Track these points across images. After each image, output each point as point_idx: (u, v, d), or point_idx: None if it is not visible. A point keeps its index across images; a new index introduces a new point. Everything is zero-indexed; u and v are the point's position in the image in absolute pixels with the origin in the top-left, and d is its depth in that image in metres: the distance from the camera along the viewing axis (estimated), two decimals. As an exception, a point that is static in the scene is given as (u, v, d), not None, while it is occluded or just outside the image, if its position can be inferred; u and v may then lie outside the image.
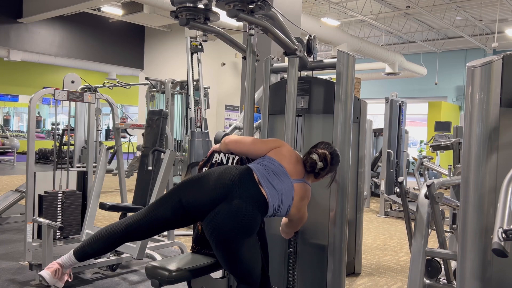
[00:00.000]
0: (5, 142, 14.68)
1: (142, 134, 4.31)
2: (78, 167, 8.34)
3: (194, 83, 6.50)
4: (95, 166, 4.33)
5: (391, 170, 7.05)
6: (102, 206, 3.71)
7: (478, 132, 1.80)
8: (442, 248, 2.59)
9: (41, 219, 3.43)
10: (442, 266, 2.63)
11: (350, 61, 2.75)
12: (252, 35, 2.54)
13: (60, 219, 3.98)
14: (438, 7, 11.06)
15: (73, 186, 4.21)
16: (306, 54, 2.89)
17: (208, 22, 2.57)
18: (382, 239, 5.54)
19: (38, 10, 10.93)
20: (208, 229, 2.13)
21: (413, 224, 2.53)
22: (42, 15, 11.01)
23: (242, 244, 2.12)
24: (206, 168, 2.58)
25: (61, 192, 4.01)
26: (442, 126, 10.76)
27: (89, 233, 3.88)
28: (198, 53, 6.52)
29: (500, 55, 1.82)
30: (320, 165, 2.34)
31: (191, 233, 4.16)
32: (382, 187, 7.02)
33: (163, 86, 8.34)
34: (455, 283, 2.59)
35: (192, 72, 6.42)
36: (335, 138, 2.75)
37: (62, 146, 7.56)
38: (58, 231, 3.87)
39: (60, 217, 3.98)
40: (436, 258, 2.59)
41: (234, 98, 10.84)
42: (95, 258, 3.54)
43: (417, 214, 2.49)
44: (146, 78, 8.67)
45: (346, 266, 2.82)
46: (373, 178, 8.61)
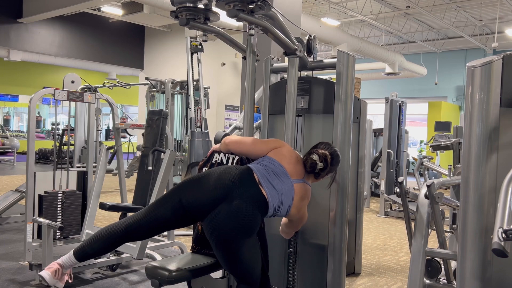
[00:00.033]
0: (5, 142, 14.67)
1: (142, 134, 4.31)
2: (78, 167, 8.35)
3: (194, 83, 6.50)
4: (95, 166, 4.33)
5: (391, 170, 7.05)
6: (102, 206, 3.71)
7: (478, 132, 1.80)
8: (442, 248, 2.59)
9: (41, 219, 3.43)
10: (442, 266, 2.63)
11: (350, 61, 2.75)
12: (252, 35, 2.54)
13: (60, 219, 3.98)
14: (438, 7, 11.06)
15: (73, 186, 4.21)
16: (306, 54, 2.89)
17: (208, 22, 2.57)
18: (382, 239, 5.54)
19: (38, 10, 10.93)
20: (208, 229, 2.13)
21: (413, 224, 2.53)
22: (42, 15, 11.02)
23: (242, 244, 2.12)
24: (206, 168, 2.57)
25: (61, 192, 4.01)
26: (442, 126, 10.76)
27: (89, 233, 3.88)
28: (198, 53, 6.52)
29: (500, 55, 1.82)
30: (320, 165, 2.34)
31: (191, 233, 4.16)
32: (382, 187, 7.01)
33: (163, 86, 8.34)
34: (455, 283, 2.59)
35: (192, 72, 6.42)
36: (335, 138, 2.75)
37: (62, 146, 7.56)
38: (58, 231, 3.87)
39: (60, 217, 3.98)
40: (436, 258, 2.59)
41: (234, 98, 10.84)
42: (95, 258, 3.54)
43: (417, 214, 2.49)
44: (146, 78, 8.67)
45: (346, 266, 2.82)
46: (373, 178, 8.61)
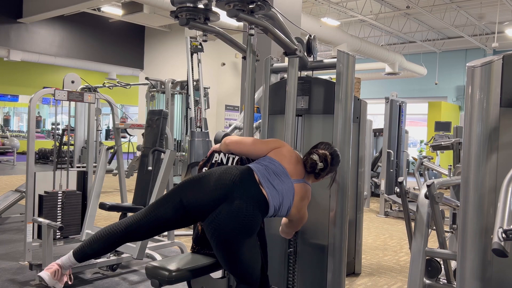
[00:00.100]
0: (5, 142, 14.67)
1: (142, 134, 4.30)
2: (78, 167, 8.35)
3: (194, 83, 6.50)
4: (95, 166, 4.33)
5: (391, 170, 7.05)
6: (102, 206, 3.71)
7: (478, 132, 1.80)
8: (442, 248, 2.59)
9: (41, 219, 3.43)
10: (442, 266, 2.63)
11: (350, 61, 2.75)
12: (252, 35, 2.54)
13: (60, 219, 3.98)
14: (438, 7, 11.06)
15: (73, 186, 4.21)
16: (306, 54, 2.89)
17: (208, 22, 2.57)
18: (382, 239, 5.54)
19: (38, 10, 10.93)
20: (209, 229, 2.13)
21: (413, 224, 2.53)
22: (42, 15, 11.02)
23: (242, 244, 2.12)
24: (206, 168, 2.57)
25: (61, 192, 4.01)
26: (442, 126, 10.76)
27: (89, 233, 3.88)
28: (198, 53, 6.52)
29: (500, 55, 1.82)
30: (320, 165, 2.34)
31: (191, 233, 4.16)
32: (382, 187, 7.01)
33: (163, 86, 8.34)
34: (455, 283, 2.59)
35: (192, 72, 6.43)
36: (335, 138, 2.75)
37: (62, 146, 7.56)
38: (58, 231, 3.87)
39: (60, 217, 3.98)
40: (436, 258, 2.59)
41: (234, 98, 10.84)
42: (95, 258, 3.54)
43: (417, 214, 2.49)
44: (146, 78, 8.67)
45: (346, 266, 2.82)
46: (373, 178, 8.61)
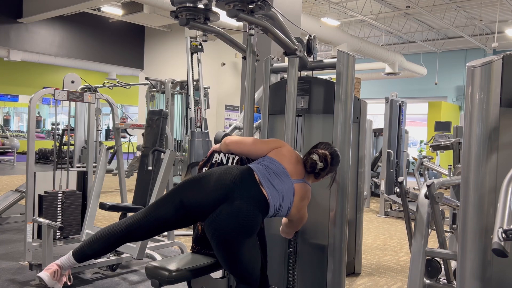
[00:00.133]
0: (5, 142, 14.67)
1: (142, 134, 4.30)
2: (78, 167, 8.35)
3: (194, 83, 6.50)
4: (95, 166, 4.33)
5: (391, 170, 7.05)
6: (102, 206, 3.71)
7: (478, 132, 1.80)
8: (442, 248, 2.59)
9: (41, 219, 3.43)
10: (442, 266, 2.63)
11: (350, 61, 2.75)
12: (252, 35, 2.54)
13: (60, 219, 3.98)
14: (438, 7, 11.06)
15: (73, 186, 4.21)
16: (306, 54, 2.89)
17: (208, 22, 2.57)
18: (382, 239, 5.54)
19: (38, 10, 10.92)
20: (209, 229, 2.13)
21: (413, 224, 2.53)
22: (42, 15, 11.01)
23: (242, 244, 2.13)
24: (206, 168, 2.57)
25: (61, 192, 4.01)
26: (442, 126, 10.75)
27: (89, 233, 3.88)
28: (198, 53, 6.52)
29: (500, 55, 1.82)
30: (320, 165, 2.34)
31: (191, 233, 4.16)
32: (382, 187, 7.01)
33: (163, 86, 8.34)
34: (455, 283, 2.59)
35: (192, 72, 6.43)
36: (335, 138, 2.75)
37: (62, 146, 7.56)
38: (58, 231, 3.87)
39: (60, 217, 3.98)
40: (436, 258, 2.59)
41: (234, 98, 10.84)
42: (95, 258, 3.54)
43: (417, 214, 2.49)
44: (146, 78, 8.67)
45: (346, 266, 2.82)
46: (373, 178, 8.61)
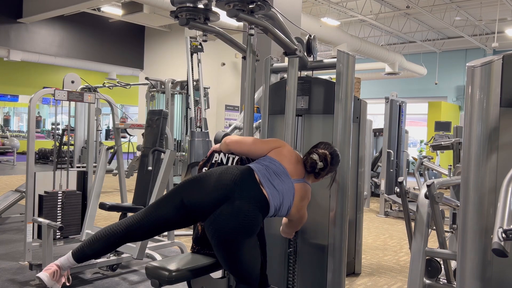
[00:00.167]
0: (5, 142, 14.67)
1: (142, 134, 4.30)
2: (78, 167, 8.35)
3: (194, 83, 6.50)
4: (95, 166, 4.33)
5: (391, 170, 7.05)
6: (102, 206, 3.71)
7: (478, 132, 1.80)
8: (442, 248, 2.59)
9: (41, 219, 3.43)
10: (442, 266, 2.63)
11: (350, 61, 2.75)
12: (252, 35, 2.54)
13: (60, 219, 3.98)
14: (438, 7, 11.06)
15: (73, 186, 4.21)
16: (306, 54, 2.89)
17: (208, 22, 2.57)
18: (382, 239, 5.54)
19: (38, 10, 10.93)
20: (210, 229, 2.13)
21: (413, 224, 2.53)
22: (42, 15, 11.01)
23: (243, 244, 2.13)
24: (206, 168, 2.57)
25: (61, 192, 4.01)
26: (442, 126, 10.75)
27: (89, 233, 3.88)
28: (198, 53, 6.53)
29: (500, 55, 1.82)
30: (320, 165, 2.34)
31: (191, 233, 4.16)
32: (382, 187, 7.01)
33: (163, 86, 8.34)
34: (455, 283, 2.59)
35: (192, 72, 6.43)
36: (335, 138, 2.75)
37: (62, 146, 7.56)
38: (58, 231, 3.86)
39: (60, 217, 3.98)
40: (436, 258, 2.59)
41: (234, 98, 10.84)
42: (95, 258, 3.53)
43: (417, 214, 2.49)
44: (146, 78, 8.67)
45: (346, 266, 2.82)
46: (373, 178, 8.61)
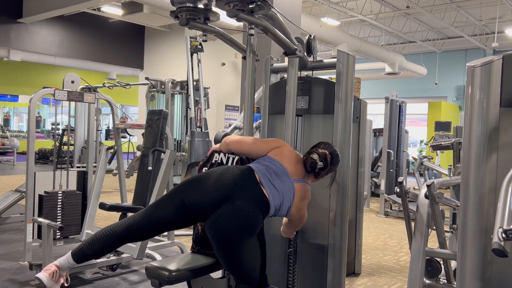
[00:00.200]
0: (5, 142, 14.67)
1: (142, 134, 4.30)
2: (78, 167, 8.34)
3: (194, 83, 6.50)
4: (95, 166, 4.33)
5: (391, 170, 7.05)
6: (102, 206, 3.71)
7: (478, 132, 1.80)
8: (442, 248, 2.59)
9: (41, 219, 3.43)
10: (442, 266, 2.63)
11: (350, 61, 2.75)
12: (252, 35, 2.54)
13: (60, 219, 3.98)
14: (438, 7, 11.06)
15: (73, 186, 4.21)
16: (306, 54, 2.89)
17: (208, 22, 2.57)
18: (382, 239, 5.54)
19: (38, 10, 10.93)
20: (210, 230, 2.13)
21: (413, 224, 2.53)
22: (42, 15, 11.01)
23: (243, 244, 2.13)
24: (206, 168, 2.57)
25: (61, 192, 4.01)
26: (442, 126, 10.74)
27: (89, 233, 3.88)
28: (198, 53, 6.53)
29: (500, 55, 1.82)
30: (320, 165, 2.34)
31: (191, 233, 4.16)
32: (382, 187, 7.01)
33: (163, 86, 8.34)
34: (455, 283, 2.59)
35: (192, 72, 6.43)
36: (335, 138, 2.75)
37: (62, 146, 7.56)
38: (58, 231, 3.86)
39: (60, 217, 3.98)
40: (436, 258, 2.59)
41: (234, 98, 10.84)
42: (95, 259, 3.53)
43: (417, 214, 2.49)
44: (146, 78, 8.67)
45: (346, 266, 2.82)
46: (373, 178, 8.61)
